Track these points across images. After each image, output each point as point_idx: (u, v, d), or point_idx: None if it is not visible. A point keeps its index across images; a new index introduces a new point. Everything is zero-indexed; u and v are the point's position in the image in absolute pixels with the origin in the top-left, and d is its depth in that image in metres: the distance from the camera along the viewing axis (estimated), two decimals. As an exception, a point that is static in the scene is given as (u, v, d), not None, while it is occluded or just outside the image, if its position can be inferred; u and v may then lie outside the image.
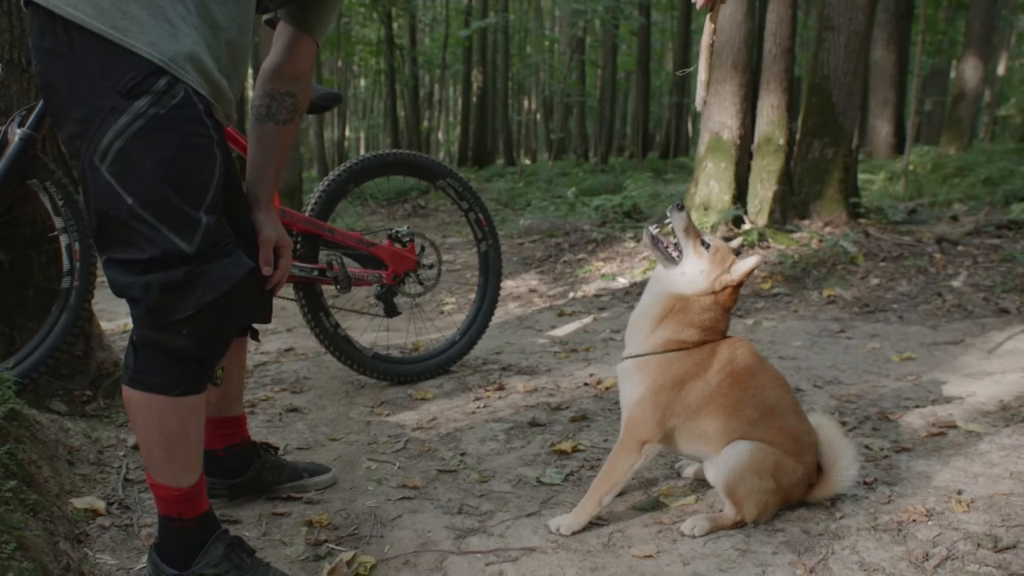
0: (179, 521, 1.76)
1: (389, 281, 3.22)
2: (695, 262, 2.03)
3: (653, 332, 2.03)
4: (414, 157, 3.41)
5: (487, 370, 3.49)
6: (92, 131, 1.53)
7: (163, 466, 1.72)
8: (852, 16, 6.13)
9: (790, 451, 2.04)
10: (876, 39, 14.09)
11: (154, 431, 1.69)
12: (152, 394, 1.66)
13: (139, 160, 1.54)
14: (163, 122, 1.54)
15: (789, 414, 2.08)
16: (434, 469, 2.46)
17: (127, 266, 1.59)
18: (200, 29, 1.63)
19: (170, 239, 1.56)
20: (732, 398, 2.02)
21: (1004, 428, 2.65)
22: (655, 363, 2.01)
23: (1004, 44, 25.75)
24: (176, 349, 1.64)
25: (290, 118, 2.07)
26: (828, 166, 6.28)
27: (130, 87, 1.52)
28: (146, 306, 1.61)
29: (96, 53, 1.52)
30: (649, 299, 2.08)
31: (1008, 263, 5.08)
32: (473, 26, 19.59)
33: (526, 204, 10.78)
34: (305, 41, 2.04)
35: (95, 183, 1.56)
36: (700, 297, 2.03)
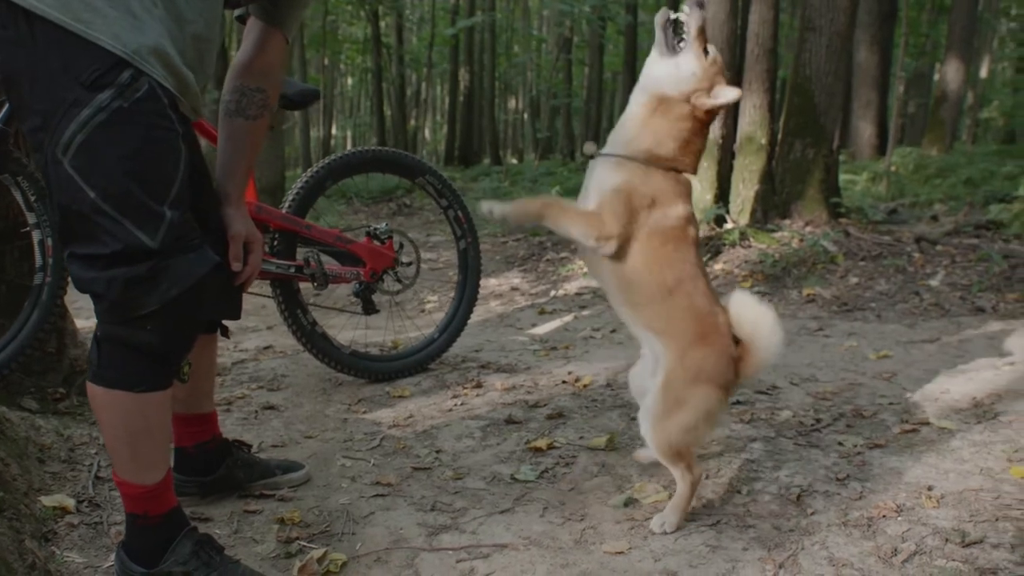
0: (145, 519, 1.74)
1: (367, 278, 3.21)
2: (692, 62, 1.95)
3: (637, 136, 1.98)
4: (393, 154, 3.40)
5: (466, 368, 3.49)
6: (54, 124, 1.52)
7: (128, 463, 1.71)
8: (833, 17, 6.16)
9: (696, 334, 1.98)
10: (859, 41, 14.17)
11: (119, 428, 1.68)
12: (116, 390, 1.65)
13: (102, 153, 1.52)
14: (126, 115, 1.52)
15: (697, 293, 2.02)
16: (409, 466, 2.46)
17: (90, 261, 1.58)
18: (165, 22, 1.61)
19: (133, 233, 1.55)
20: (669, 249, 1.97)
21: (976, 425, 2.67)
22: (635, 168, 1.96)
23: (986, 47, 25.97)
24: (140, 344, 1.63)
25: (259, 113, 2.05)
26: (809, 166, 6.31)
27: (93, 79, 1.50)
28: (109, 301, 1.59)
29: (58, 45, 1.50)
30: (636, 99, 2.02)
31: (985, 263, 5.12)
32: (459, 25, 19.58)
33: (511, 203, 10.75)
34: (275, 36, 2.03)
35: (57, 176, 1.55)
36: (680, 102, 1.96)
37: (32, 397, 2.77)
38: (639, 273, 1.98)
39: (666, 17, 1.97)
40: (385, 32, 24.56)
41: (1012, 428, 2.63)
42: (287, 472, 2.36)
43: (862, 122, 14.59)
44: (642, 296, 2.00)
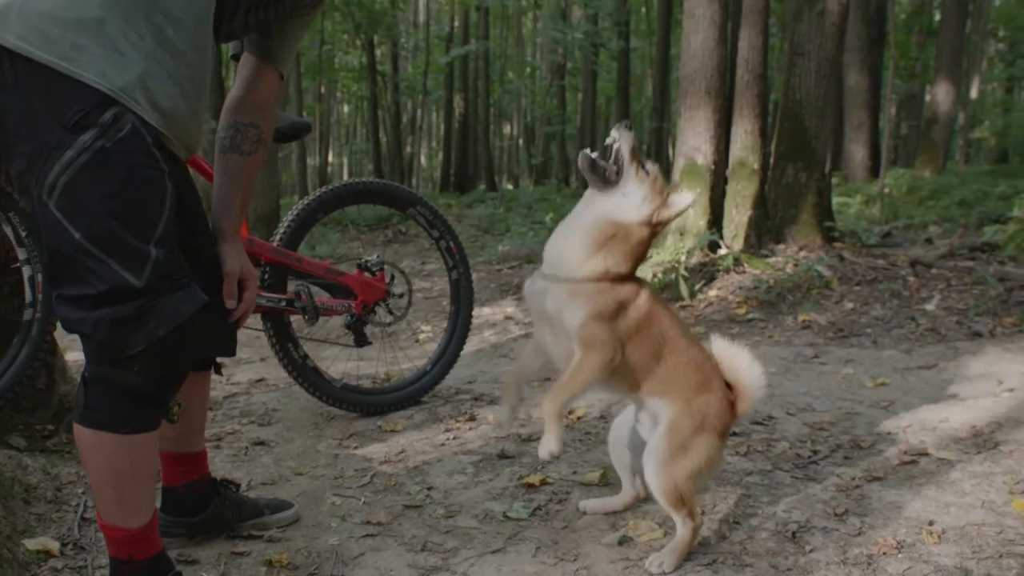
0: (129, 564, 1.72)
1: (358, 311, 3.18)
2: (637, 187, 1.94)
3: (590, 258, 1.95)
4: (384, 186, 3.39)
5: (459, 400, 3.45)
6: (39, 166, 1.52)
7: (113, 505, 1.69)
8: (821, 42, 6.20)
9: (697, 383, 2.02)
10: (849, 64, 14.28)
11: (104, 469, 1.66)
12: (102, 432, 1.63)
13: (85, 194, 1.52)
14: (109, 155, 1.52)
15: (691, 346, 2.07)
16: (400, 504, 2.42)
17: (77, 301, 1.57)
18: (155, 55, 1.60)
19: (119, 273, 1.54)
20: (650, 328, 1.99)
21: (976, 455, 2.63)
22: (593, 290, 1.94)
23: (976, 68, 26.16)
24: (127, 385, 1.61)
25: (254, 149, 2.04)
26: (802, 190, 6.31)
27: (75, 120, 1.50)
28: (96, 341, 1.58)
29: (43, 85, 1.50)
30: (587, 222, 1.97)
31: (981, 286, 5.10)
32: (453, 53, 19.72)
33: (505, 230, 10.78)
34: (268, 71, 2.02)
35: (44, 218, 1.55)
36: (640, 227, 1.96)
37: (20, 434, 2.73)
38: (635, 359, 2.00)
39: (587, 158, 1.97)
40: (380, 60, 24.70)
41: (1013, 458, 2.59)
42: (276, 512, 2.31)
43: (854, 145, 14.68)
44: (642, 374, 2.02)
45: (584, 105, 24.35)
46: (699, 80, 6.22)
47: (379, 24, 19.75)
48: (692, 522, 1.97)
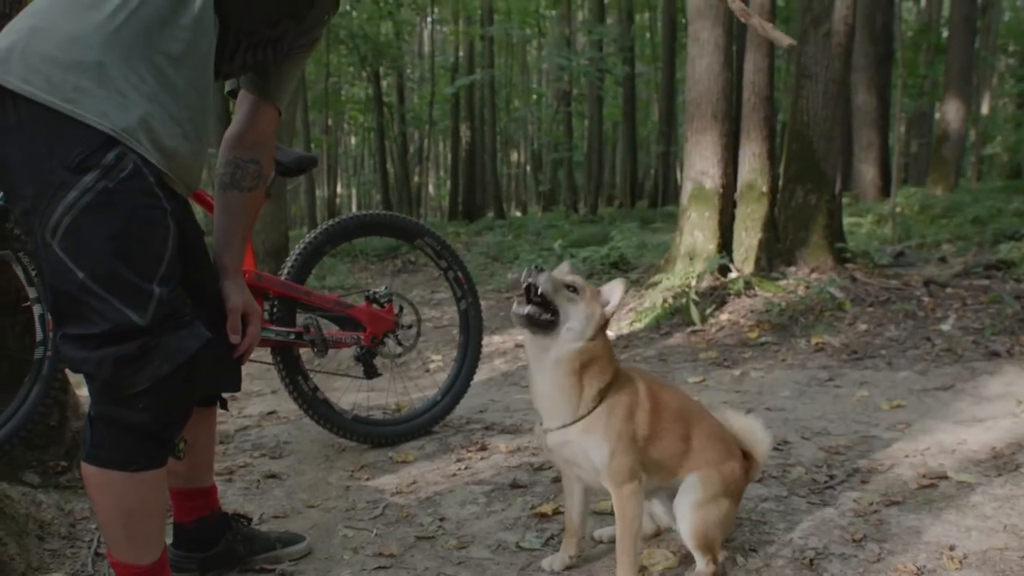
0: None
1: (367, 343, 3.17)
2: (577, 312, 1.92)
3: (579, 394, 1.94)
4: (391, 218, 3.39)
5: (470, 430, 3.43)
6: (42, 207, 1.53)
7: (123, 543, 1.70)
8: (828, 64, 6.21)
9: (721, 455, 2.05)
10: (857, 83, 14.29)
11: (113, 508, 1.66)
12: (109, 470, 1.63)
13: (89, 235, 1.53)
14: (112, 195, 1.53)
15: (706, 418, 2.11)
16: (412, 536, 2.39)
17: (81, 341, 1.58)
18: (157, 97, 1.62)
19: (122, 312, 1.55)
20: (663, 417, 2.01)
21: (996, 478, 2.59)
22: (602, 415, 1.94)
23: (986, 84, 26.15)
24: (133, 423, 1.62)
25: (254, 185, 2.05)
26: (812, 212, 6.30)
27: (78, 161, 1.52)
28: (101, 380, 1.59)
29: (46, 127, 1.52)
30: (551, 370, 1.94)
31: (997, 304, 5.05)
32: (458, 83, 19.86)
33: (514, 257, 10.78)
34: (266, 108, 2.03)
35: (48, 259, 1.56)
36: (595, 340, 1.94)
37: (34, 471, 2.73)
38: (662, 450, 2.01)
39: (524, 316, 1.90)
40: (386, 92, 24.93)
41: (1033, 480, 2.55)
42: (288, 545, 2.30)
43: (864, 164, 14.65)
44: (674, 459, 2.04)
45: (591, 131, 24.44)
46: (705, 104, 6.24)
47: (384, 56, 19.95)
48: (714, 565, 1.98)
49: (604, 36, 20.76)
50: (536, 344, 1.96)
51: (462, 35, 23.40)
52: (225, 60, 1.87)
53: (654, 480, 2.03)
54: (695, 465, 2.03)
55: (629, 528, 1.93)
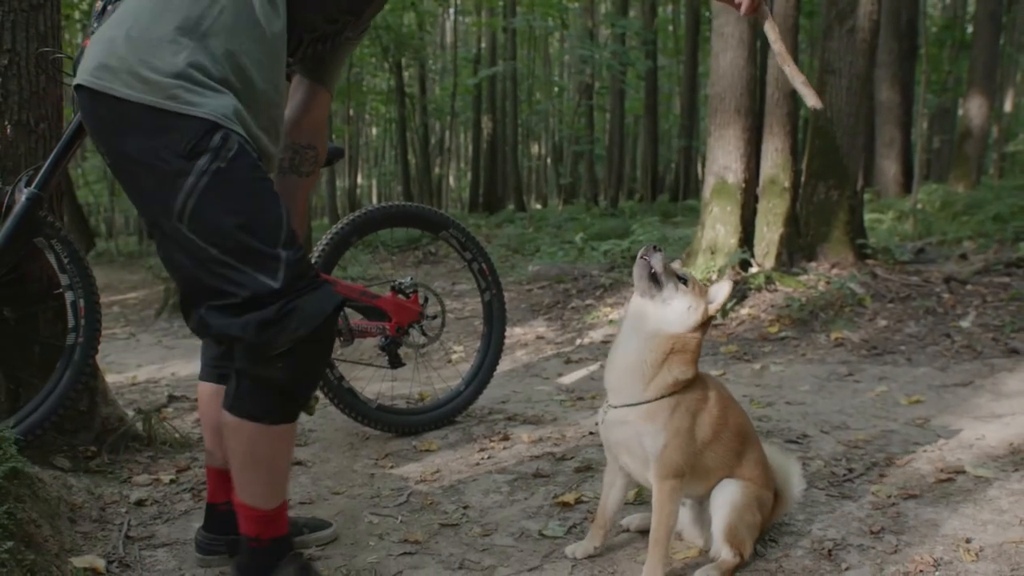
0: (256, 541, 1.87)
1: (392, 332, 3.22)
2: (682, 299, 1.99)
3: (655, 376, 1.99)
4: (417, 209, 3.44)
5: (492, 420, 3.48)
6: (164, 195, 1.67)
7: (249, 487, 1.85)
8: (852, 60, 6.20)
9: (763, 480, 2.09)
10: (881, 79, 14.18)
11: (245, 454, 1.81)
12: (246, 420, 1.77)
13: (213, 214, 1.67)
14: (226, 174, 1.67)
15: (757, 442, 2.15)
16: (436, 523, 2.45)
17: (225, 310, 1.71)
18: (241, 94, 1.74)
19: (257, 278, 1.68)
20: (725, 428, 2.05)
21: (1014, 472, 2.61)
22: (668, 407, 1.98)
23: (1010, 81, 25.85)
24: (272, 380, 1.76)
25: (312, 170, 2.18)
26: (834, 208, 6.30)
27: (189, 148, 1.64)
28: (245, 343, 1.72)
29: (153, 124, 1.65)
30: (642, 343, 2.00)
31: (1017, 302, 5.05)
32: (481, 75, 19.87)
33: (535, 250, 10.81)
34: (323, 94, 2.16)
35: (179, 242, 1.70)
36: (693, 333, 2.00)
37: (64, 456, 2.81)
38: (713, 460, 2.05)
39: (654, 267, 1.99)
40: (408, 83, 24.96)
41: (1051, 475, 2.57)
42: (315, 531, 2.35)
43: (886, 160, 14.55)
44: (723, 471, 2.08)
45: (612, 124, 24.38)
46: (729, 99, 6.24)
47: (407, 47, 19.96)
48: (740, 559, 2.02)
49: (627, 29, 20.67)
50: (639, 313, 2.02)
51: (484, 27, 23.38)
52: (288, 53, 1.96)
53: (694, 486, 2.07)
54: (740, 476, 2.07)
55: (665, 522, 1.97)
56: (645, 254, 2.01)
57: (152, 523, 2.47)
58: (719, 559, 2.03)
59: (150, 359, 5.57)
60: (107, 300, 9.27)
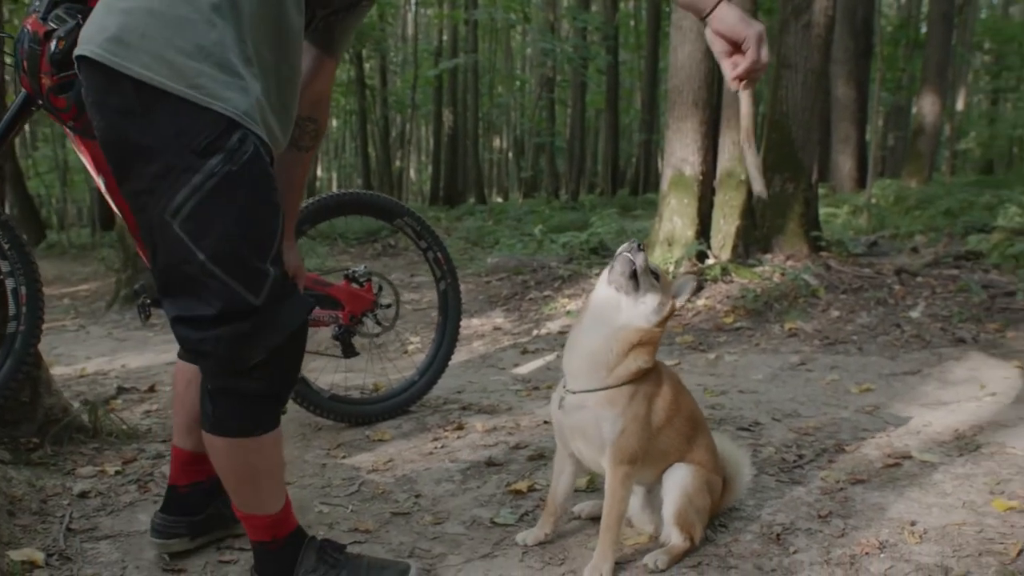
0: (274, 543, 1.85)
1: (346, 321, 3.18)
2: (655, 296, 2.00)
3: (619, 365, 1.99)
4: (371, 197, 3.40)
5: (447, 410, 3.46)
6: (163, 188, 1.55)
7: (253, 498, 1.80)
8: (808, 55, 6.27)
9: (712, 465, 2.12)
10: (836, 76, 14.40)
11: (242, 471, 1.76)
12: (236, 438, 1.71)
13: (213, 218, 1.56)
14: (236, 178, 1.56)
15: (706, 428, 2.18)
16: (387, 512, 2.42)
17: (196, 323, 1.62)
18: (264, 76, 1.66)
19: (239, 293, 1.59)
20: (677, 414, 2.06)
21: (958, 457, 2.66)
22: (627, 393, 1.98)
23: (962, 80, 26.40)
24: (252, 392, 1.69)
25: (311, 144, 2.10)
26: (789, 200, 6.37)
27: (204, 146, 1.53)
28: (217, 358, 1.64)
29: (171, 113, 1.53)
30: (610, 334, 2.00)
31: (965, 293, 5.15)
32: (441, 66, 19.79)
33: (495, 242, 10.80)
34: (329, 63, 2.07)
35: (164, 238, 1.58)
36: (658, 327, 2.01)
37: (5, 447, 2.73)
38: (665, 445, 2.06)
39: (630, 267, 1.98)
40: (369, 74, 24.78)
41: (994, 460, 2.63)
42: None
43: (841, 156, 14.78)
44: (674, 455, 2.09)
45: (573, 118, 24.48)
46: (686, 92, 6.28)
47: (367, 38, 19.82)
48: (690, 543, 2.04)
49: (588, 23, 20.74)
50: (609, 305, 2.01)
51: (446, 19, 23.30)
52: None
53: (646, 472, 2.07)
54: (690, 460, 2.09)
55: (617, 508, 1.97)
56: (630, 252, 1.99)
57: (95, 515, 2.41)
58: (669, 544, 2.04)
59: (100, 351, 5.45)
60: (57, 292, 9.07)
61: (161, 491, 2.63)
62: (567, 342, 2.10)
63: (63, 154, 15.97)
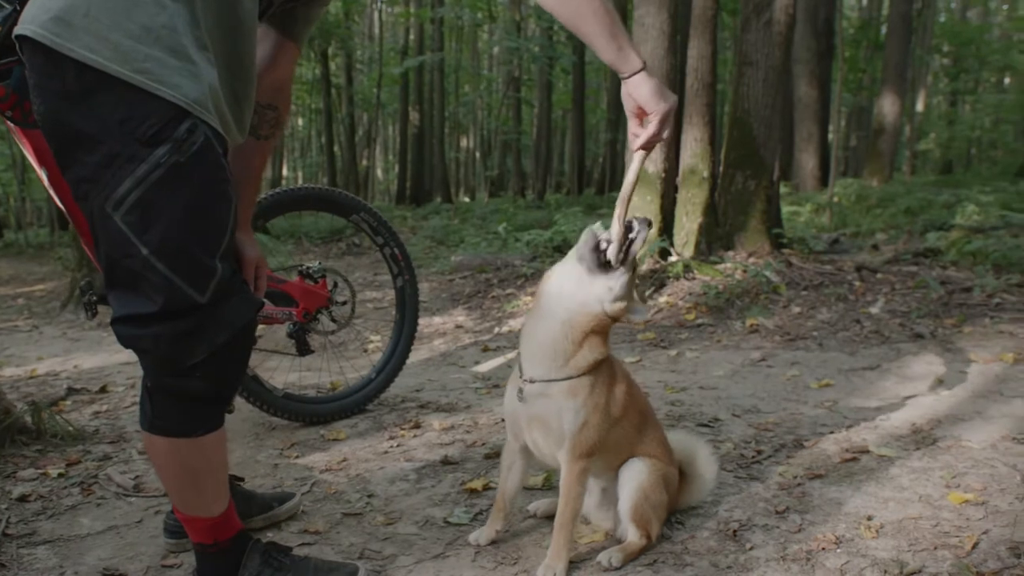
0: (216, 546, 1.78)
1: (300, 318, 3.12)
2: (622, 278, 1.88)
3: (577, 353, 1.90)
4: (326, 192, 3.33)
5: (404, 408, 3.41)
6: (106, 178, 1.46)
7: (195, 500, 1.73)
8: (769, 52, 6.29)
9: (666, 458, 2.09)
10: (799, 77, 14.55)
11: (182, 472, 1.69)
12: (176, 438, 1.64)
13: (158, 210, 1.48)
14: (183, 170, 1.48)
15: (656, 420, 2.15)
16: (339, 512, 2.36)
17: (135, 320, 1.55)
18: (219, 62, 1.58)
19: (183, 290, 1.52)
20: (632, 406, 2.02)
21: (915, 451, 2.66)
22: (588, 384, 1.91)
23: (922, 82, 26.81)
24: (193, 392, 1.61)
25: (271, 133, 2.01)
26: (751, 198, 6.38)
27: (150, 134, 1.45)
28: (157, 356, 1.57)
29: (115, 98, 1.44)
30: (567, 318, 1.89)
31: (923, 289, 5.19)
32: (406, 64, 19.69)
33: (459, 241, 10.75)
34: (291, 49, 1.99)
35: (106, 230, 1.50)
36: (612, 318, 1.91)
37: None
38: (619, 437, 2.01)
39: (597, 240, 1.87)
40: (335, 73, 24.56)
41: (950, 454, 2.63)
42: (283, 503, 2.31)
43: (804, 155, 14.93)
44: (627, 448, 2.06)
45: (540, 118, 24.45)
46: (648, 89, 6.25)
47: (332, 36, 19.64)
48: (647, 540, 2.01)
49: (554, 22, 20.70)
50: (569, 284, 1.90)
51: (412, 17, 23.17)
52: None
53: (600, 465, 2.03)
54: (643, 453, 2.05)
55: (572, 504, 1.93)
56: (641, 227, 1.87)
57: (35, 519, 2.32)
58: (625, 540, 2.01)
59: (53, 352, 5.31)
60: (13, 292, 8.87)
61: (106, 493, 2.57)
62: (523, 329, 2.01)
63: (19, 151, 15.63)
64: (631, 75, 1.73)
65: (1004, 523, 2.10)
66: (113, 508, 2.44)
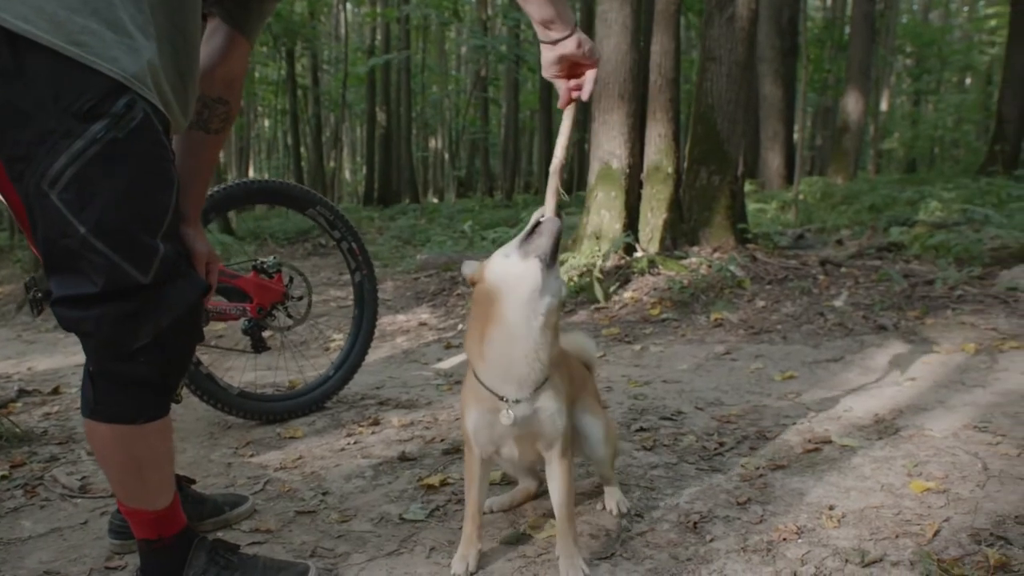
0: (160, 541, 1.72)
1: (254, 314, 3.03)
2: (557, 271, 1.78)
3: (552, 350, 1.77)
4: (280, 185, 3.25)
5: (364, 405, 3.34)
6: (40, 155, 1.39)
7: (138, 491, 1.67)
8: (732, 47, 6.29)
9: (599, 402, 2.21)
10: (764, 75, 14.65)
11: (125, 461, 1.63)
12: (117, 425, 1.58)
13: (95, 188, 1.42)
14: (121, 147, 1.42)
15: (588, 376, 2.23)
16: (292, 510, 2.29)
17: (76, 301, 1.48)
18: (160, 37, 1.52)
19: (124, 269, 1.46)
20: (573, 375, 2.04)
21: (877, 441, 2.65)
22: (557, 380, 1.84)
23: (885, 82, 27.16)
24: (136, 377, 1.56)
25: (221, 127, 1.95)
26: (715, 193, 6.38)
27: (86, 110, 1.39)
28: (99, 339, 1.51)
29: (48, 71, 1.37)
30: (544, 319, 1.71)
31: (886, 282, 5.21)
32: (371, 62, 19.55)
33: (426, 240, 10.67)
34: (241, 43, 1.92)
35: (43, 209, 1.43)
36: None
37: None
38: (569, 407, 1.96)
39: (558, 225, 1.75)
40: (301, 73, 24.33)
41: (912, 443, 2.62)
42: (235, 507, 2.24)
43: (770, 153, 15.03)
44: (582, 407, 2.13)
45: (507, 118, 24.40)
46: (612, 84, 6.24)
47: (297, 35, 19.44)
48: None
49: (521, 21, 20.67)
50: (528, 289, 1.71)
51: (379, 17, 23.02)
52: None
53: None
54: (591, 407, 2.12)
55: (572, 495, 1.89)
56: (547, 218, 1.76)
57: (-27, 523, 2.23)
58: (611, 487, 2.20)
59: (6, 354, 5.18)
60: (-35, 295, 8.64)
61: (51, 495, 2.48)
62: (492, 353, 1.76)
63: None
64: (572, 33, 1.69)
65: (965, 510, 2.08)
66: (57, 510, 2.35)
